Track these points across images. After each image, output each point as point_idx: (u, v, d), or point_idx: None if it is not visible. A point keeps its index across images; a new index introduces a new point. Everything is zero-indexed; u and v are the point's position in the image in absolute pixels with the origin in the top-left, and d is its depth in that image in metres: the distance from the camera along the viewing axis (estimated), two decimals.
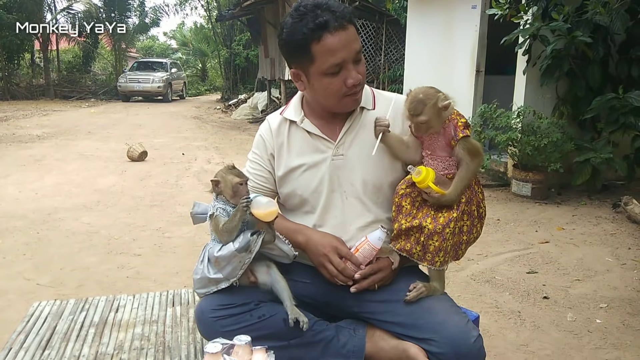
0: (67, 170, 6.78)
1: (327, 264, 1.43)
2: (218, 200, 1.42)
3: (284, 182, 1.58)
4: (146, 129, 11.48)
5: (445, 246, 1.40)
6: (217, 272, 1.39)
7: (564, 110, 5.36)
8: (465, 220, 1.43)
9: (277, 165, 1.59)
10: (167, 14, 33.25)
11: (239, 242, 1.37)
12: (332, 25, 1.35)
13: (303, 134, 1.55)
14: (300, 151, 1.55)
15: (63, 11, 21.55)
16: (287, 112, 1.60)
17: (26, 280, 3.23)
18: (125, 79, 19.53)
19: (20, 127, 11.36)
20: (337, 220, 1.53)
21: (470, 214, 1.44)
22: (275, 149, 1.59)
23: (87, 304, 1.95)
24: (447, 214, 1.41)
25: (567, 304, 2.92)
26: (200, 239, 3.95)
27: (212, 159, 7.75)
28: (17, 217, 4.54)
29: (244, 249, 1.36)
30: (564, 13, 4.73)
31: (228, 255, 1.36)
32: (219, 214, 1.39)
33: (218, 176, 1.43)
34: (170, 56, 31.24)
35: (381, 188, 1.53)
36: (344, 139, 1.53)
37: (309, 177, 1.53)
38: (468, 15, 6.51)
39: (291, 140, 1.57)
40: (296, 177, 1.55)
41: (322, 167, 1.52)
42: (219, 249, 1.38)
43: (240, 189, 1.40)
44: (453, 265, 3.46)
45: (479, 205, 1.46)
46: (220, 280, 1.39)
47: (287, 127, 1.58)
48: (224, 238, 1.38)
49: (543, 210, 4.81)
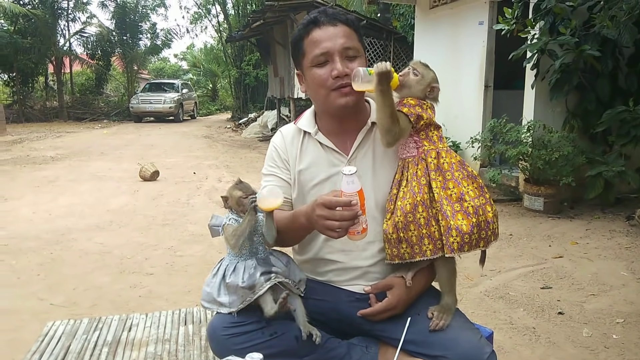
0: (80, 190, 6.85)
1: (326, 223, 1.31)
2: (232, 213, 1.47)
3: (295, 189, 1.58)
4: (158, 149, 11.60)
5: (427, 233, 1.36)
6: (225, 295, 1.41)
7: (574, 124, 5.34)
8: (440, 202, 1.37)
9: (292, 171, 1.59)
10: (177, 35, 33.67)
11: (246, 280, 1.39)
12: (321, 20, 1.45)
13: (316, 146, 1.56)
14: (314, 163, 1.55)
15: (76, 34, 22.02)
16: (300, 123, 1.61)
17: (40, 300, 3.26)
18: (137, 100, 19.81)
19: (35, 148, 11.53)
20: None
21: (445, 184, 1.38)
22: (290, 156, 1.59)
23: (101, 323, 1.96)
24: (409, 198, 1.39)
25: (583, 319, 2.88)
26: (212, 257, 3.96)
27: (222, 178, 7.80)
28: (31, 238, 4.59)
29: (248, 287, 1.39)
30: (571, 27, 4.74)
31: (233, 286, 1.39)
32: (229, 223, 1.44)
33: (226, 192, 1.49)
34: (181, 77, 31.66)
35: None
36: (356, 153, 1.54)
37: (321, 191, 1.53)
38: (475, 31, 6.55)
39: (305, 151, 1.58)
40: (308, 190, 1.55)
41: (334, 181, 1.53)
42: (230, 273, 1.41)
43: (244, 202, 1.43)
44: (466, 281, 3.43)
45: (451, 165, 1.41)
46: (223, 305, 1.41)
47: (301, 137, 1.59)
48: (231, 242, 1.41)
49: (556, 225, 4.77)
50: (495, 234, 1.40)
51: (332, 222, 1.29)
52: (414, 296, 1.48)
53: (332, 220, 1.29)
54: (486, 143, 5.76)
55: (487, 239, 1.38)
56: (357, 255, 1.51)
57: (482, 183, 1.43)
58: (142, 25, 23.88)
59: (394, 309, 1.45)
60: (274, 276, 1.41)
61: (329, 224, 1.29)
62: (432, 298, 1.50)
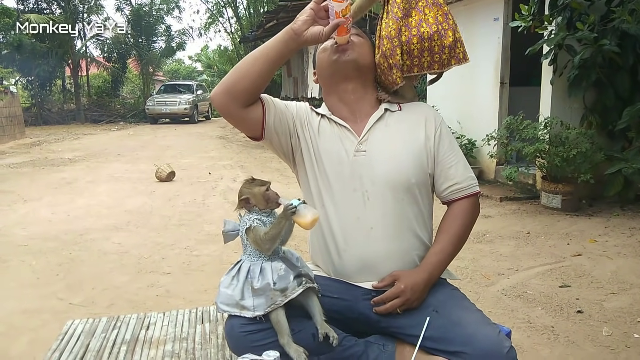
0: (97, 191, 6.94)
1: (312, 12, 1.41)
2: (252, 212, 1.43)
3: (305, 163, 1.58)
4: (174, 149, 11.70)
5: (393, 62, 1.51)
6: (250, 297, 1.39)
7: (592, 120, 5.27)
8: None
9: (302, 139, 1.58)
10: (192, 37, 33.95)
11: (278, 282, 1.37)
12: None
13: (332, 125, 1.58)
14: (328, 139, 1.56)
15: (92, 38, 22.32)
16: (315, 108, 1.64)
17: (59, 300, 3.30)
18: (153, 102, 19.98)
19: (53, 151, 11.71)
20: (359, 222, 1.51)
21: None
22: (306, 123, 1.59)
23: (119, 322, 1.98)
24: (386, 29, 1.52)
25: (602, 318, 2.84)
26: (228, 256, 3.98)
27: (237, 178, 7.83)
28: (50, 239, 4.66)
29: (280, 290, 1.37)
30: (589, 22, 4.67)
31: (263, 288, 1.37)
32: (257, 225, 1.40)
33: (245, 193, 1.43)
34: (195, 78, 31.88)
35: (404, 189, 1.51)
36: (367, 135, 1.54)
37: (330, 155, 1.54)
38: (490, 27, 6.50)
39: (321, 127, 1.58)
40: (317, 167, 1.55)
41: (344, 160, 1.52)
42: (257, 275, 1.39)
43: (269, 194, 1.41)
44: (483, 280, 3.41)
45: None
46: (245, 308, 1.39)
47: (318, 118, 1.60)
48: (266, 246, 1.38)
49: (574, 223, 4.71)
50: (458, 58, 1.53)
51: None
52: (422, 282, 1.46)
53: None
54: (502, 140, 5.71)
55: (442, 62, 1.52)
56: (369, 245, 1.50)
57: (447, 10, 1.53)
58: (157, 27, 24.10)
59: (404, 294, 1.44)
60: (304, 281, 1.40)
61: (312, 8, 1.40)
62: (446, 294, 1.49)
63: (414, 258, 1.54)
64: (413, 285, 1.45)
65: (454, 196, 1.57)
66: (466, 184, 1.57)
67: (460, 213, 1.57)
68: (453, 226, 1.56)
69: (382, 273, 1.51)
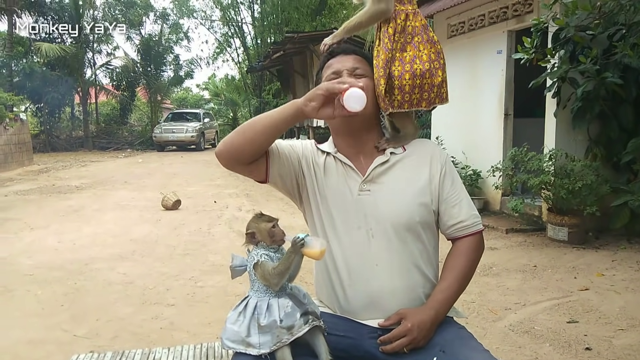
0: (104, 220, 6.97)
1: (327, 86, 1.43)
2: (259, 247, 1.44)
3: (310, 201, 1.60)
4: (180, 177, 11.77)
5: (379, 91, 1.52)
6: (256, 334, 1.38)
7: (597, 152, 5.29)
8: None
9: (307, 178, 1.60)
10: (200, 66, 34.51)
11: (285, 319, 1.37)
12: (336, 52, 1.62)
13: (337, 164, 1.59)
14: (333, 177, 1.58)
15: (102, 67, 22.71)
16: (321, 146, 1.65)
17: (64, 332, 3.29)
18: (160, 130, 20.21)
19: (60, 178, 11.80)
20: (363, 259, 1.52)
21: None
22: (312, 162, 1.61)
23: (124, 358, 1.98)
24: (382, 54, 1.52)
25: (612, 355, 2.80)
26: (233, 288, 3.97)
27: (242, 206, 7.85)
28: (55, 268, 4.67)
29: (287, 327, 1.37)
30: (592, 56, 4.73)
31: (269, 325, 1.37)
32: (264, 260, 1.41)
33: (251, 228, 1.45)
34: (203, 106, 32.23)
35: (408, 227, 1.52)
36: (372, 174, 1.56)
37: (334, 195, 1.55)
38: (494, 60, 6.58)
39: (326, 166, 1.60)
40: (322, 204, 1.57)
41: (348, 199, 1.54)
42: (264, 312, 1.39)
43: (275, 231, 1.42)
44: (490, 315, 3.37)
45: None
46: (251, 346, 1.39)
47: (323, 156, 1.62)
48: (274, 281, 1.38)
49: (581, 256, 4.67)
50: (442, 97, 1.56)
51: (331, 85, 1.42)
52: (428, 320, 1.45)
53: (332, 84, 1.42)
54: (507, 172, 5.72)
55: (429, 100, 1.54)
56: (372, 282, 1.50)
57: (440, 48, 1.56)
58: (166, 57, 24.53)
59: (411, 333, 1.43)
60: (311, 319, 1.40)
61: (330, 85, 1.42)
62: (453, 333, 1.48)
63: (419, 294, 1.54)
64: (420, 324, 1.45)
65: (459, 234, 1.58)
66: (470, 221, 1.58)
67: (465, 250, 1.58)
68: (459, 263, 1.57)
69: (388, 309, 1.51)
